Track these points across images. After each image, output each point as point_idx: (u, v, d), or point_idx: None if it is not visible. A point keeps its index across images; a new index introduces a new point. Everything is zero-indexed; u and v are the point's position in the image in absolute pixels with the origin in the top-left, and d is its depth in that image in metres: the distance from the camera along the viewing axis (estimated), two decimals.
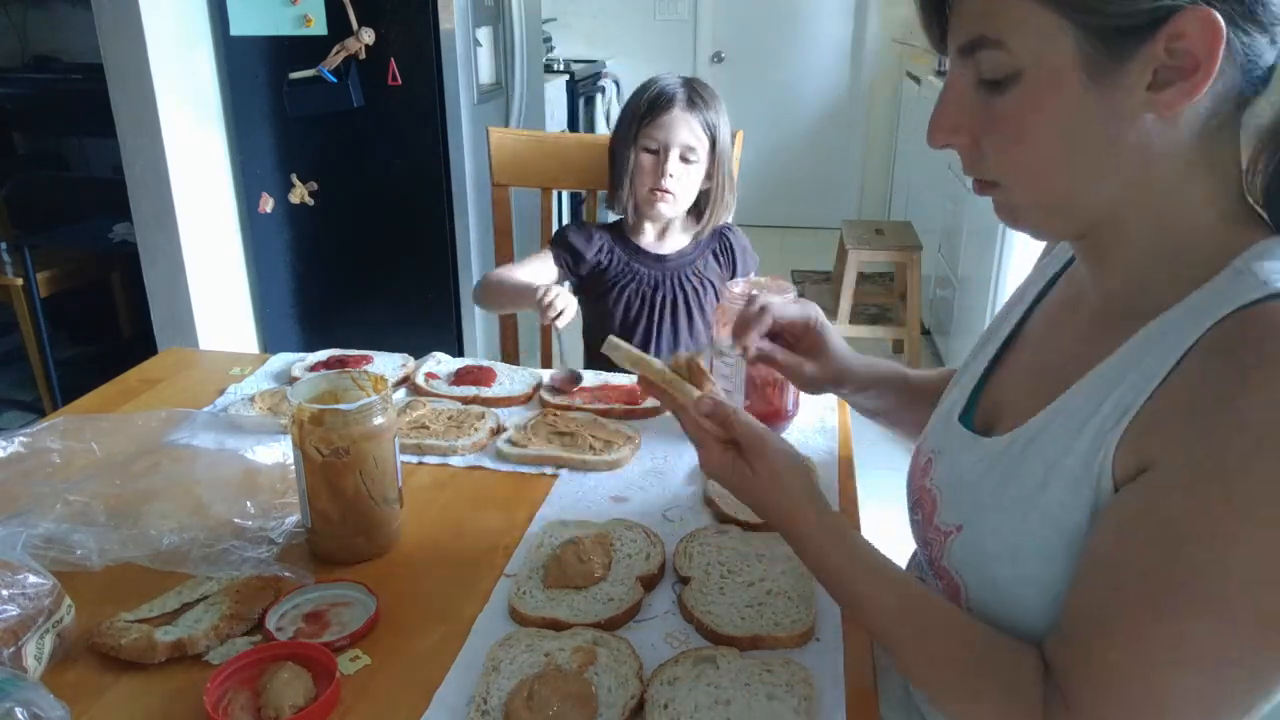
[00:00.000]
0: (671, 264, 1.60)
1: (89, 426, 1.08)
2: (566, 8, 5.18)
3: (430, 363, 1.36)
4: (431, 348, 1.41)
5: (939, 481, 0.77)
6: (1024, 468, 0.68)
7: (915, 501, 0.81)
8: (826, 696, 0.72)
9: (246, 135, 2.56)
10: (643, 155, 1.51)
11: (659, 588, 0.86)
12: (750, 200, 4.24)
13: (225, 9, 2.43)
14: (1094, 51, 0.58)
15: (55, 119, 3.42)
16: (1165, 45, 0.56)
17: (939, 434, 0.82)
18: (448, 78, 2.45)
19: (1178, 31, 0.56)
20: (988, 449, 0.73)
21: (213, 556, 0.87)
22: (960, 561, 0.71)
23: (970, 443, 0.76)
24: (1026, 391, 0.73)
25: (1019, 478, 0.68)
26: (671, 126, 1.48)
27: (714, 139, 1.51)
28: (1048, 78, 0.60)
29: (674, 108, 1.48)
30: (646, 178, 1.52)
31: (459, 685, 0.73)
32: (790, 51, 5.27)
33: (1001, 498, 0.69)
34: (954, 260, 3.20)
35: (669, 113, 1.48)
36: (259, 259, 2.70)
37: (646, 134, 1.50)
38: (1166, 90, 0.58)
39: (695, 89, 1.51)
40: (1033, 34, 0.59)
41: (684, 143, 1.49)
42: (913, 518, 0.82)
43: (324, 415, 0.85)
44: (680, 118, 1.48)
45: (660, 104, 1.49)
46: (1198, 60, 0.56)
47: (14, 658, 0.71)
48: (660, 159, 1.49)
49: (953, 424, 0.80)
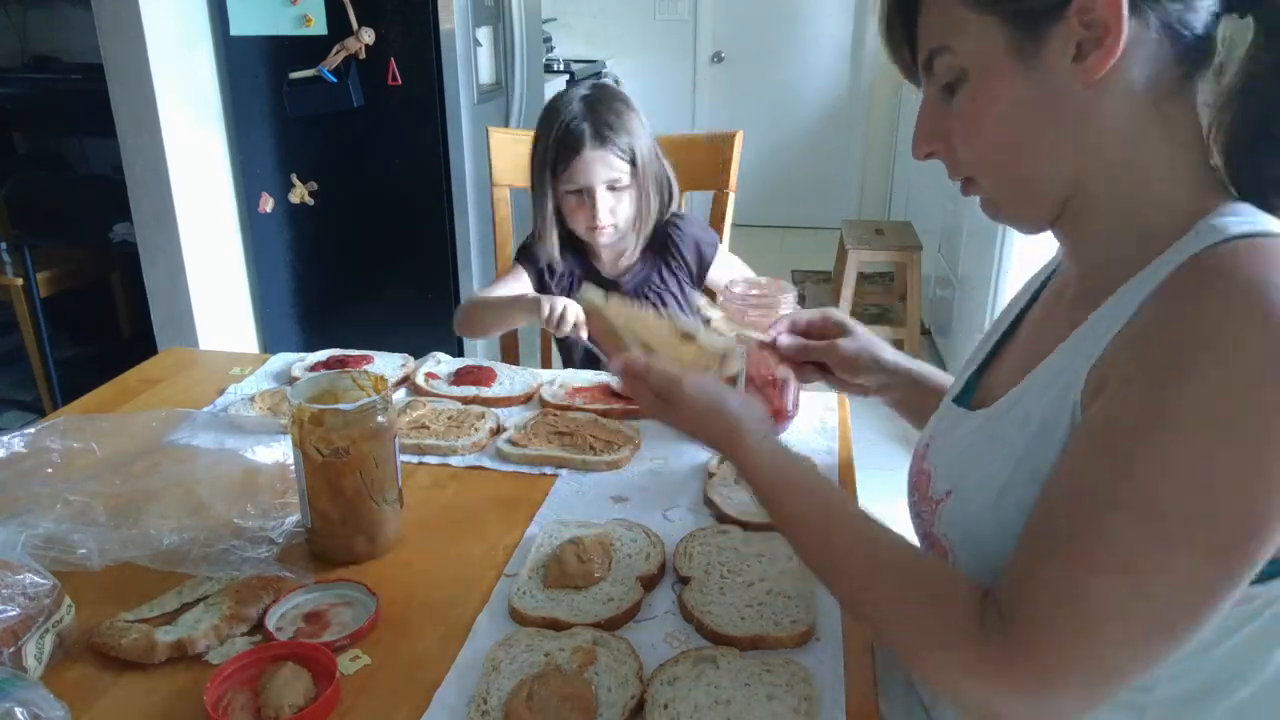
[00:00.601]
0: (627, 286, 1.55)
1: (89, 426, 1.08)
2: (566, 8, 5.18)
3: (430, 363, 1.36)
4: (431, 348, 1.41)
5: (934, 459, 0.80)
6: (1005, 427, 0.71)
7: (913, 484, 0.83)
8: (826, 696, 0.72)
9: (246, 135, 2.56)
10: (568, 198, 1.46)
11: (659, 588, 0.86)
12: (750, 200, 4.24)
13: (225, 9, 2.43)
14: (1019, 36, 0.64)
15: (55, 119, 3.42)
16: (1078, 19, 0.61)
17: (937, 419, 0.85)
18: (448, 78, 2.45)
19: (1086, 5, 0.61)
20: (976, 419, 0.76)
21: (213, 556, 0.87)
22: (948, 525, 0.73)
23: (961, 416, 0.79)
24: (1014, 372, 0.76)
25: (1000, 440, 0.71)
26: (587, 169, 1.42)
27: (633, 158, 1.44)
28: (987, 69, 0.66)
29: (583, 148, 1.41)
30: (580, 217, 1.47)
31: (459, 685, 0.73)
32: (790, 51, 5.27)
33: (985, 461, 0.71)
34: (954, 260, 3.20)
35: (580, 155, 1.41)
36: (259, 259, 2.70)
37: (565, 179, 1.44)
38: (1088, 59, 0.62)
39: (601, 116, 1.42)
40: (969, 34, 0.65)
41: (605, 179, 1.43)
42: (911, 499, 0.83)
43: (324, 415, 0.85)
44: (593, 157, 1.41)
45: (568, 145, 1.42)
46: (1108, 26, 0.61)
47: (14, 658, 0.71)
48: (587, 200, 1.44)
49: (949, 405, 0.83)
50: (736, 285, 1.13)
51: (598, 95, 1.46)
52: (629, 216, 1.49)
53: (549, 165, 1.45)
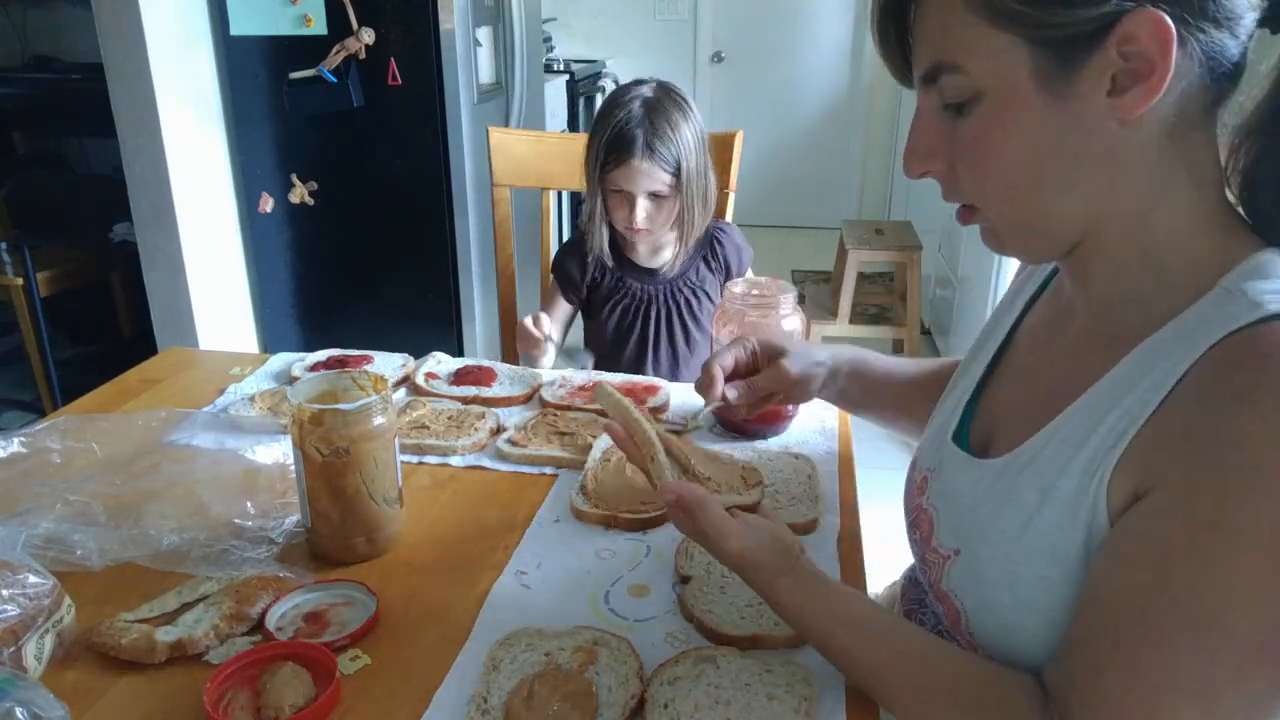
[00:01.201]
0: (663, 277, 1.59)
1: (89, 426, 1.08)
2: (566, 8, 5.18)
3: (430, 363, 1.36)
4: (431, 348, 1.41)
5: (934, 500, 0.77)
6: (1020, 492, 0.67)
7: (913, 520, 0.81)
8: (826, 696, 0.72)
9: (246, 135, 2.57)
10: (611, 196, 1.50)
11: (658, 587, 0.86)
12: (750, 200, 4.24)
13: (225, 9, 2.43)
14: (1048, 64, 0.58)
15: (55, 119, 3.42)
16: (1117, 50, 0.56)
17: (933, 451, 0.82)
18: (448, 78, 2.45)
19: (1128, 35, 0.55)
20: (983, 471, 0.72)
21: (213, 556, 0.87)
22: (959, 586, 0.71)
23: (965, 463, 0.75)
24: (1019, 411, 0.73)
25: (1015, 502, 0.67)
26: (633, 177, 1.45)
27: (678, 169, 1.46)
28: (1006, 95, 0.60)
29: (632, 158, 1.43)
30: (619, 217, 1.51)
31: (459, 685, 0.73)
32: (790, 51, 5.27)
33: (998, 522, 0.68)
34: (954, 260, 3.20)
35: (628, 163, 1.44)
36: (259, 259, 2.70)
37: (610, 179, 1.47)
38: (1126, 95, 0.57)
39: (655, 125, 1.44)
40: (987, 54, 0.59)
41: (648, 189, 1.46)
42: (911, 536, 0.81)
43: (324, 415, 0.85)
44: (639, 168, 1.44)
45: (619, 150, 1.44)
46: (1152, 62, 0.56)
47: (14, 658, 0.71)
48: (628, 203, 1.48)
49: (946, 443, 0.79)
50: (736, 285, 1.14)
51: (657, 100, 1.47)
52: (667, 223, 1.53)
53: (599, 163, 1.48)
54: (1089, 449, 0.62)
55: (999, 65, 0.59)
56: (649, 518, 0.95)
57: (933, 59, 0.62)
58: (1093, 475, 0.61)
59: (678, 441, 0.85)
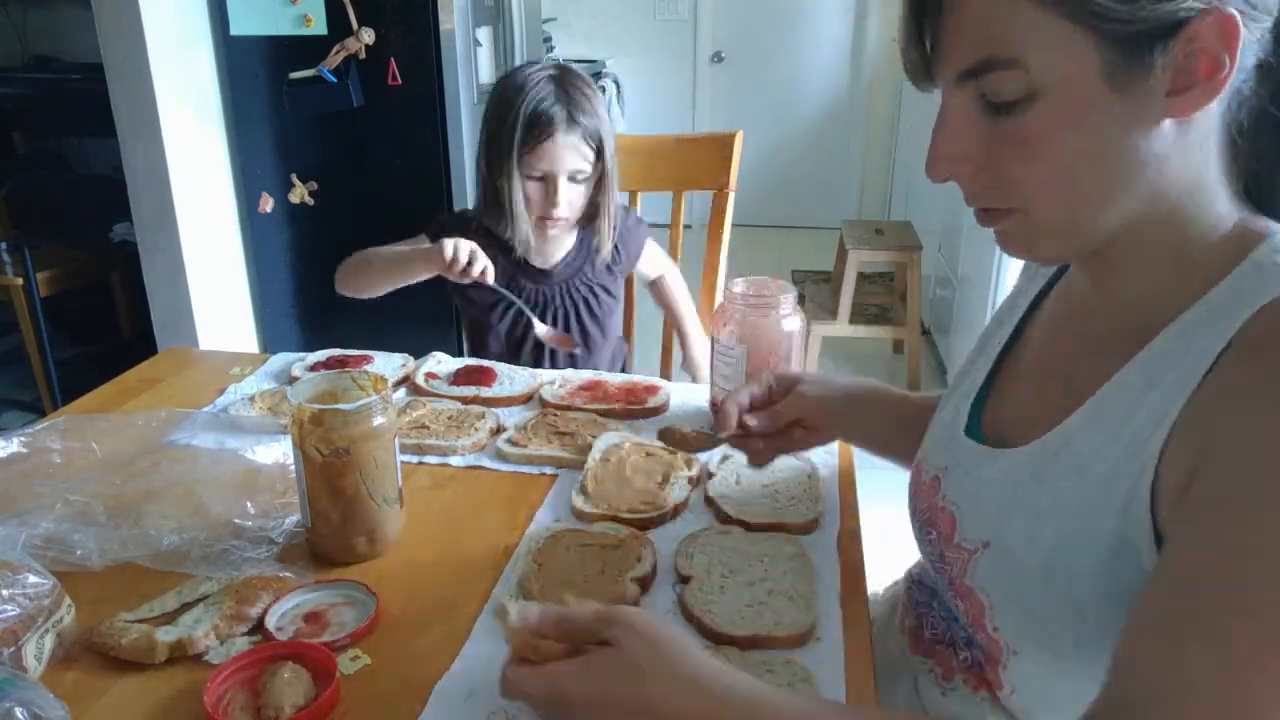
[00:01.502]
0: (559, 277, 1.50)
1: (89, 426, 1.08)
2: (566, 8, 5.18)
3: (430, 363, 1.36)
4: (431, 348, 1.41)
5: (953, 497, 0.76)
6: (1053, 476, 0.66)
7: (927, 520, 0.79)
8: (827, 696, 0.72)
9: (246, 135, 2.56)
10: (527, 184, 1.39)
11: (658, 587, 0.86)
12: (750, 200, 4.24)
13: (225, 9, 2.43)
14: (1116, 59, 0.55)
15: (55, 119, 3.42)
16: (1184, 48, 0.55)
17: (942, 450, 0.80)
18: (448, 78, 2.45)
19: (1196, 32, 0.54)
20: (1011, 460, 0.71)
21: (213, 556, 0.87)
22: (986, 579, 0.70)
23: (987, 456, 0.74)
24: (1039, 402, 0.72)
25: (1048, 486, 0.66)
26: (556, 155, 1.35)
27: (600, 147, 1.39)
28: (1070, 91, 0.57)
29: (556, 133, 1.34)
30: (534, 206, 1.41)
31: (455, 683, 0.73)
32: (790, 51, 5.27)
33: (1028, 507, 0.67)
34: (954, 260, 3.20)
35: (551, 139, 1.34)
36: (259, 259, 2.69)
37: (528, 163, 1.37)
38: (1187, 94, 0.56)
39: (572, 99, 1.35)
40: (1051, 48, 0.56)
41: (571, 168, 1.37)
42: (925, 537, 0.80)
43: (324, 415, 0.85)
44: (563, 143, 1.35)
45: (539, 128, 1.34)
46: (1215, 60, 0.55)
47: (14, 658, 0.71)
48: (548, 188, 1.38)
49: (959, 438, 0.78)
50: (736, 285, 1.13)
51: (564, 76, 1.38)
52: (580, 209, 1.45)
53: (515, 146, 1.36)
54: (1129, 431, 0.61)
55: (1064, 60, 0.56)
56: (649, 518, 0.95)
57: (982, 54, 0.58)
58: (1134, 457, 0.60)
59: None
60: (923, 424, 0.90)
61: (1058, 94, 0.57)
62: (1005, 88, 0.58)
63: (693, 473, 1.04)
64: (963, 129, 0.62)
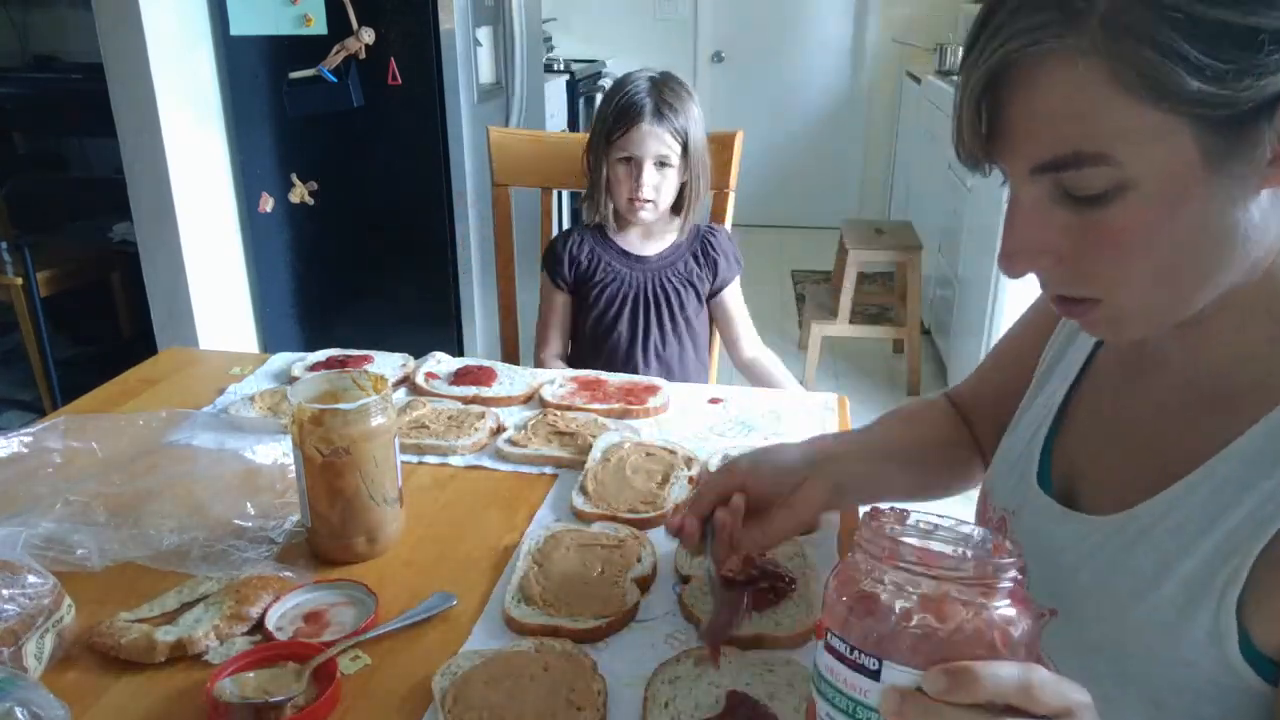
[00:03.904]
0: (652, 265, 1.61)
1: (89, 426, 1.08)
2: (566, 8, 5.18)
3: (430, 363, 1.36)
4: (431, 348, 1.41)
5: None
6: (1135, 560, 0.62)
7: None
8: None
9: (246, 135, 2.57)
10: (617, 166, 1.53)
11: (658, 587, 0.86)
12: (750, 200, 4.24)
13: (225, 9, 2.43)
14: (1216, 143, 0.51)
15: (55, 119, 3.42)
16: None
17: (1010, 490, 0.76)
18: (448, 78, 2.45)
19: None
20: (1087, 528, 0.67)
21: (213, 556, 0.87)
22: (1054, 649, 0.64)
23: (1060, 516, 0.70)
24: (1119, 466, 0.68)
25: (1129, 569, 0.62)
26: (641, 140, 1.50)
27: (685, 142, 1.52)
28: (1167, 183, 0.52)
29: (642, 121, 1.49)
30: (623, 188, 1.54)
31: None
32: (790, 51, 5.27)
33: (1107, 587, 0.64)
34: (954, 260, 3.20)
35: (638, 126, 1.49)
36: (259, 259, 2.70)
37: (618, 146, 1.51)
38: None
39: (663, 96, 1.51)
40: (1144, 140, 0.52)
41: (656, 153, 1.50)
42: None
43: (324, 415, 0.85)
44: (649, 131, 1.49)
45: (628, 116, 1.50)
46: None
47: (14, 657, 0.71)
48: (635, 170, 1.51)
49: (1030, 485, 0.74)
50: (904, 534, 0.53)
51: (664, 78, 1.55)
52: (669, 199, 1.56)
53: (607, 131, 1.52)
54: (1221, 531, 0.58)
55: (1159, 152, 0.52)
56: (649, 517, 0.95)
57: (1060, 149, 0.53)
58: (1225, 560, 0.57)
59: None
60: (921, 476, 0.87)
61: (1152, 186, 0.53)
62: (1089, 182, 0.54)
63: (693, 473, 1.04)
64: (1040, 221, 0.57)
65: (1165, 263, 0.55)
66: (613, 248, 1.62)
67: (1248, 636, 0.57)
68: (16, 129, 3.65)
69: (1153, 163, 0.52)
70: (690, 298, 1.62)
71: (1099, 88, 0.51)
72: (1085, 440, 0.74)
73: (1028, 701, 0.46)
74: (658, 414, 1.21)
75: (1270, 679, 0.57)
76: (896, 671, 0.47)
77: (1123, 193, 0.53)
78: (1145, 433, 0.68)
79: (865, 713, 0.48)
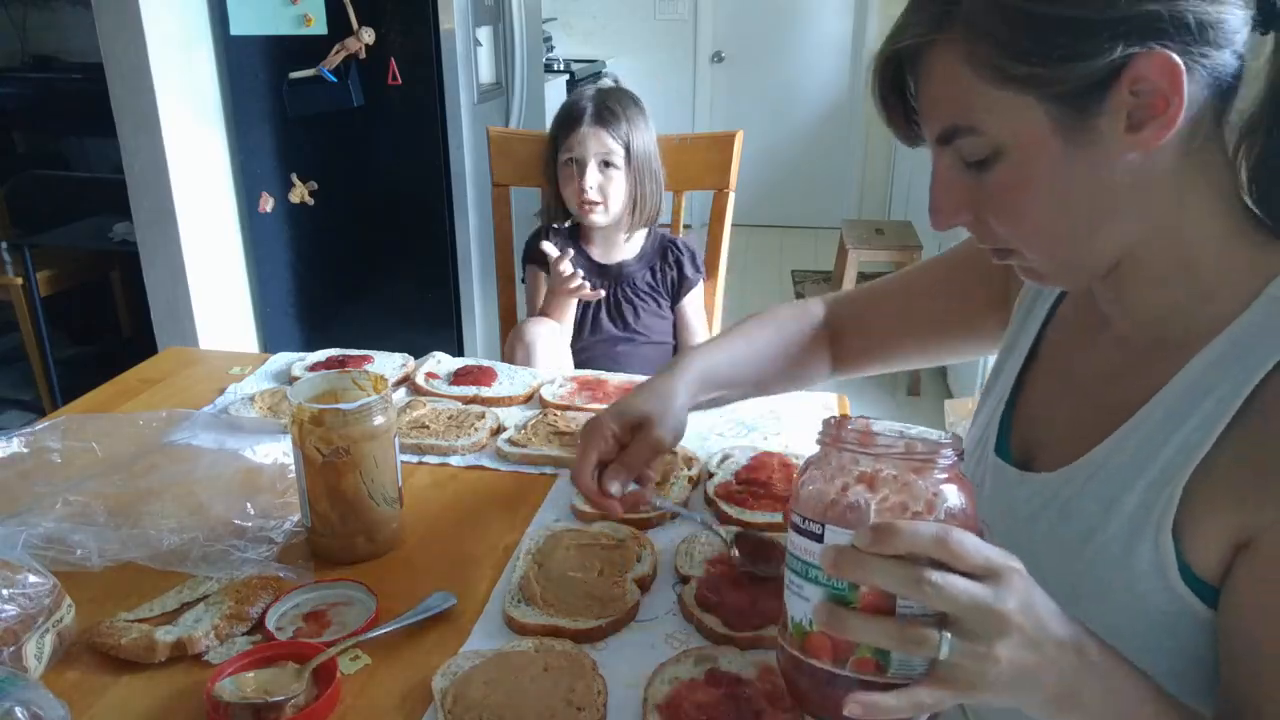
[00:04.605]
0: (612, 274, 1.67)
1: (89, 426, 1.08)
2: (566, 8, 5.18)
3: (430, 363, 1.36)
4: (431, 348, 1.41)
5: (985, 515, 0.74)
6: (1081, 505, 0.67)
7: None
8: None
9: (246, 135, 2.57)
10: (564, 168, 1.60)
11: (658, 587, 0.86)
12: (750, 200, 4.24)
13: (225, 9, 2.43)
14: (1065, 115, 0.59)
15: (55, 119, 3.43)
16: (1129, 90, 0.57)
17: (973, 467, 0.81)
18: (448, 78, 2.45)
19: (1138, 75, 0.57)
20: (1039, 484, 0.72)
21: (213, 556, 0.87)
22: None
23: (1016, 478, 0.75)
24: (1067, 423, 0.73)
25: (1076, 515, 0.67)
26: (582, 140, 1.57)
27: (628, 147, 1.58)
28: (1028, 150, 0.61)
29: (582, 123, 1.57)
30: (571, 191, 1.60)
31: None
32: (790, 51, 5.27)
33: (1057, 534, 0.69)
34: None
35: (578, 128, 1.57)
36: (259, 259, 2.70)
37: (564, 148, 1.59)
38: (1144, 129, 0.58)
39: (606, 103, 1.59)
40: (1002, 115, 0.60)
41: (597, 153, 1.57)
42: None
43: (324, 415, 0.85)
44: (589, 132, 1.57)
45: (570, 120, 1.58)
46: (1166, 97, 0.57)
47: (14, 657, 0.71)
48: (579, 170, 1.58)
49: (988, 456, 0.79)
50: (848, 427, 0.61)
51: (609, 89, 1.66)
52: (619, 203, 1.61)
53: (553, 136, 1.61)
54: (1158, 465, 0.63)
55: (1016, 123, 0.60)
56: (649, 517, 0.95)
57: (945, 123, 0.63)
58: (1160, 492, 0.62)
59: None
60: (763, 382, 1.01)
61: (1017, 154, 0.62)
62: (972, 150, 0.63)
63: (693, 472, 1.04)
64: (951, 183, 0.66)
65: (1047, 217, 0.63)
66: (581, 254, 1.67)
67: (1186, 563, 0.62)
68: (16, 129, 3.65)
69: (1014, 133, 0.61)
70: (649, 305, 1.67)
71: (963, 73, 0.60)
72: (1041, 406, 0.79)
73: (947, 555, 0.52)
74: None
75: (1211, 603, 0.62)
76: (835, 533, 0.56)
77: (999, 158, 0.62)
78: (1091, 389, 0.73)
79: (814, 572, 0.57)
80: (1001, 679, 0.52)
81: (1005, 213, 0.65)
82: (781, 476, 1.02)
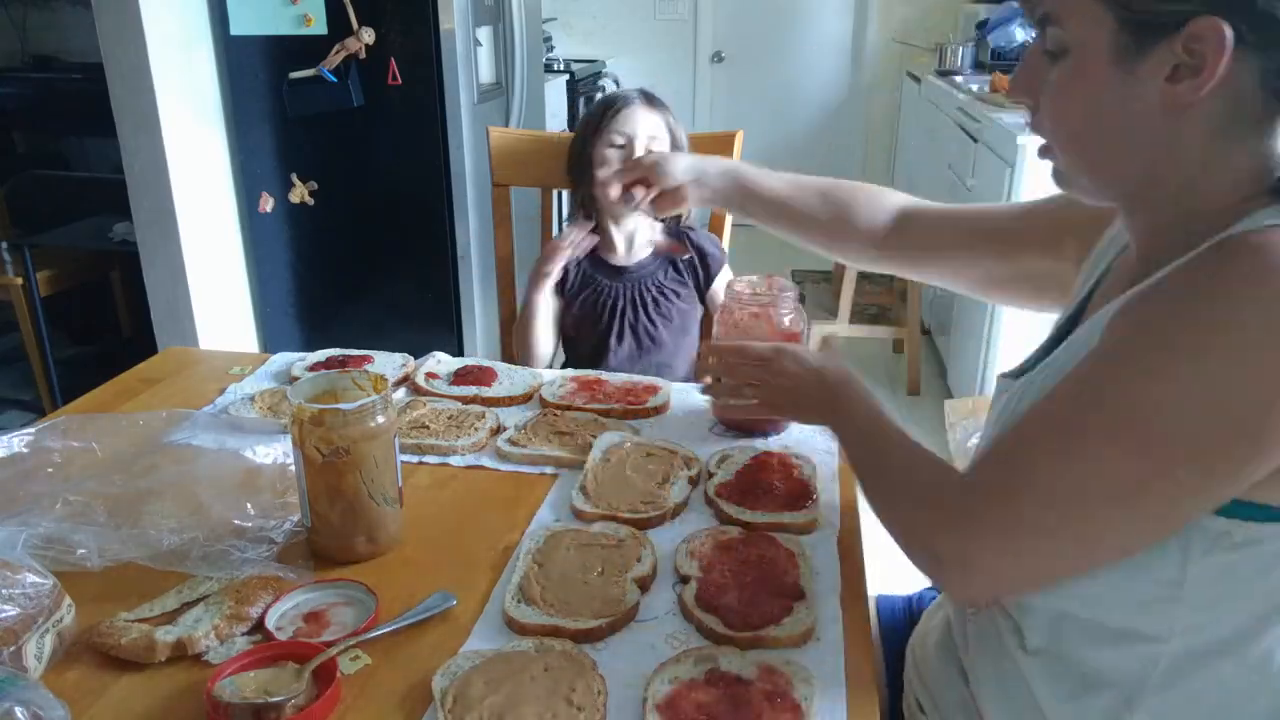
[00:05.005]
0: (631, 276, 1.62)
1: (89, 426, 1.08)
2: (566, 8, 5.18)
3: (430, 363, 1.36)
4: (431, 348, 1.41)
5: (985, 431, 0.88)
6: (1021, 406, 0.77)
7: None
8: (827, 696, 0.72)
9: (246, 135, 2.56)
10: (608, 151, 1.54)
11: (658, 587, 0.86)
12: None
13: (225, 9, 2.43)
14: (1125, 41, 0.65)
15: (55, 119, 3.42)
16: (1184, 44, 0.63)
17: None
18: (448, 78, 2.45)
19: (1196, 34, 0.62)
20: (1007, 388, 0.83)
21: (213, 556, 0.87)
22: None
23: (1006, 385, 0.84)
24: None
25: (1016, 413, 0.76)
26: (635, 119, 1.55)
27: (672, 138, 1.58)
28: (1087, 59, 0.68)
29: (634, 105, 1.56)
30: None
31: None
32: (790, 51, 5.27)
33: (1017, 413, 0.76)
34: None
35: (630, 108, 1.55)
36: (259, 259, 2.70)
37: (611, 129, 1.54)
38: (1180, 85, 0.64)
39: (651, 95, 1.60)
40: (1080, 18, 0.67)
41: (649, 133, 1.54)
42: None
43: (324, 415, 0.85)
44: (641, 112, 1.56)
45: (620, 103, 1.57)
46: (1208, 64, 0.62)
47: (14, 657, 0.71)
48: (628, 149, 1.54)
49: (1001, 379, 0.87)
50: (738, 283, 1.15)
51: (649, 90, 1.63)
52: None
53: (597, 120, 1.56)
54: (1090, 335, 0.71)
55: (1087, 29, 0.67)
56: (649, 517, 0.95)
57: (1043, 9, 0.70)
58: None
59: None
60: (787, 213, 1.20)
61: (1078, 56, 0.68)
62: (1052, 40, 0.70)
63: (693, 472, 1.04)
64: (1030, 64, 0.73)
65: (1076, 124, 0.71)
66: (593, 257, 1.62)
67: None
68: (16, 129, 3.65)
69: (1082, 39, 0.68)
70: (665, 304, 1.62)
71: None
72: None
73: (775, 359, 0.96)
74: (658, 414, 1.21)
75: None
76: None
77: (1065, 55, 0.69)
78: None
79: None
80: (780, 394, 0.96)
81: (1051, 107, 0.72)
82: (781, 476, 1.02)
